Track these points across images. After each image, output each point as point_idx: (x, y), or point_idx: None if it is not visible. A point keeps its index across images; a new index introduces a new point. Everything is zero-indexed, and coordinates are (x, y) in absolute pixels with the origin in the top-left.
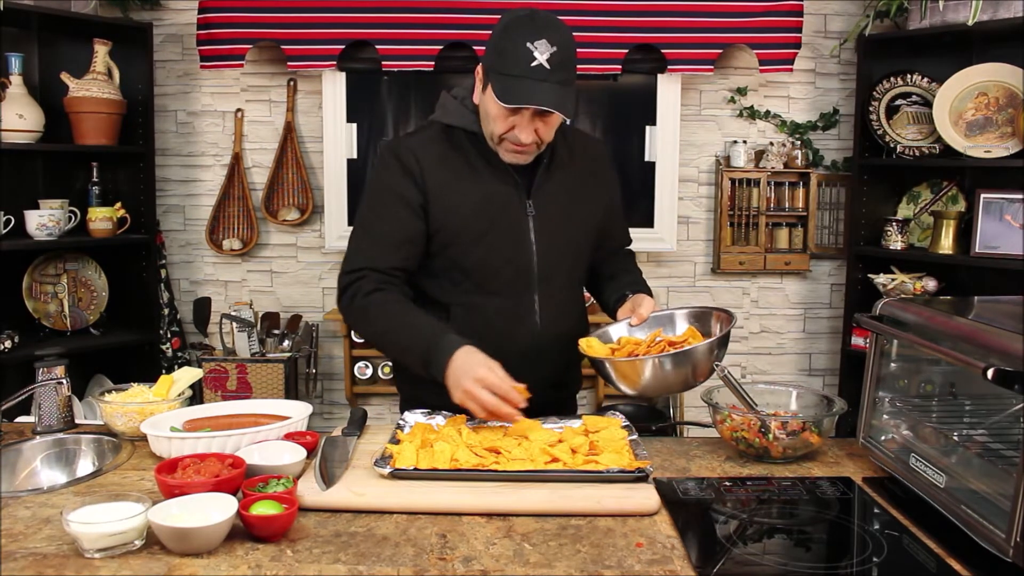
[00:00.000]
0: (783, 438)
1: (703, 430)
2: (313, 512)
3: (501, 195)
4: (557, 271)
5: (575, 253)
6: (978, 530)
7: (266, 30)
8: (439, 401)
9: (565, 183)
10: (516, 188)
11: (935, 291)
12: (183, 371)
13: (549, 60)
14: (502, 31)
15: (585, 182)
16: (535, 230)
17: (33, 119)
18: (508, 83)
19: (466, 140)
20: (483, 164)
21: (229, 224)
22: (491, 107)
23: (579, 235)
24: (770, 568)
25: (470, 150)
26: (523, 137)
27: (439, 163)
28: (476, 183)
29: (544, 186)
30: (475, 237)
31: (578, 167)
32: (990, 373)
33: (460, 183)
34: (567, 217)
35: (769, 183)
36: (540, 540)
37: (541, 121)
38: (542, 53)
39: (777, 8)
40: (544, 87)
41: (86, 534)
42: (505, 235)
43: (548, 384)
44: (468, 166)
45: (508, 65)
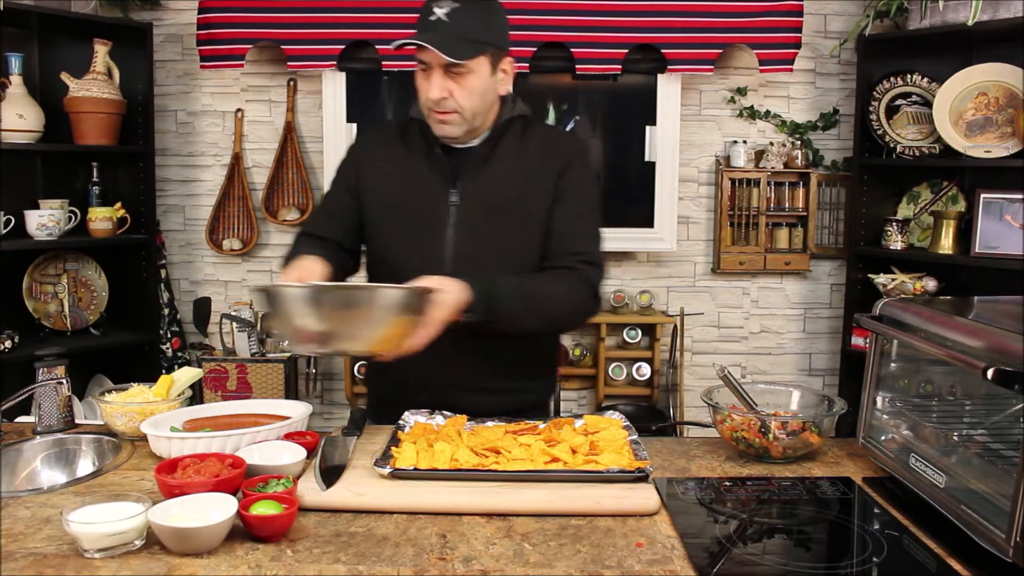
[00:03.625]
0: (783, 438)
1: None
2: (313, 512)
3: (424, 181)
4: (476, 266)
5: (504, 249)
6: (978, 530)
7: (266, 30)
8: (390, 396)
9: (503, 175)
10: (442, 175)
11: (935, 291)
12: (183, 371)
13: (448, 15)
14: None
15: (530, 176)
16: (455, 219)
17: (33, 119)
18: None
19: (417, 130)
20: (421, 152)
21: (229, 224)
22: (416, 77)
23: (511, 230)
24: (770, 568)
25: (415, 140)
26: (431, 92)
27: (379, 151)
28: (403, 168)
29: (474, 176)
30: (389, 217)
31: (527, 159)
32: (990, 373)
33: (390, 170)
34: (496, 210)
35: (769, 183)
36: (540, 540)
37: (453, 81)
38: (441, 8)
39: (777, 8)
40: (434, 34)
41: (86, 534)
42: (419, 222)
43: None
44: (406, 154)
45: (418, 23)
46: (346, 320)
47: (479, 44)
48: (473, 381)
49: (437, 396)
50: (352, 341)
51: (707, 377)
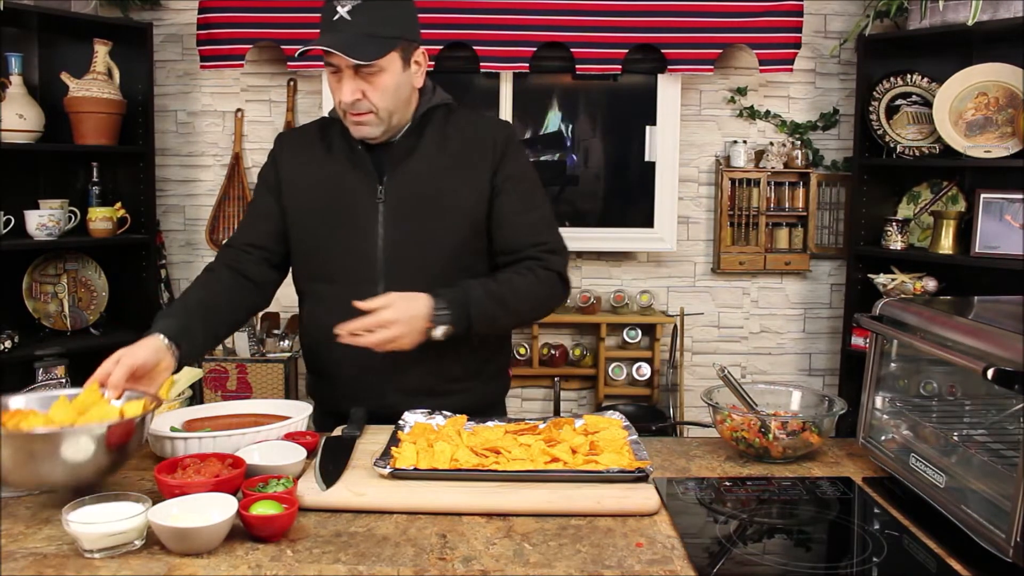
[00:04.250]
0: (783, 438)
1: (703, 430)
2: (313, 512)
3: (349, 180)
4: (408, 262)
5: (435, 246)
6: (978, 530)
7: (266, 30)
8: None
9: (429, 167)
10: (367, 173)
11: (935, 291)
12: (183, 371)
13: (350, 12)
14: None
15: (458, 167)
16: (384, 216)
17: (33, 119)
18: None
19: (337, 130)
20: (344, 150)
21: (229, 224)
22: (327, 80)
23: (440, 226)
24: (770, 568)
25: (336, 138)
26: (343, 95)
27: (299, 149)
28: (325, 167)
29: (400, 171)
30: (316, 221)
31: (454, 150)
32: (990, 373)
33: (310, 167)
34: (423, 205)
35: (769, 183)
36: (540, 540)
37: (365, 81)
38: (343, 7)
39: (777, 8)
40: (338, 36)
41: (86, 534)
42: (348, 221)
43: (412, 390)
44: (326, 152)
45: (321, 24)
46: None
47: (387, 40)
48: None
49: (386, 403)
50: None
51: (707, 377)
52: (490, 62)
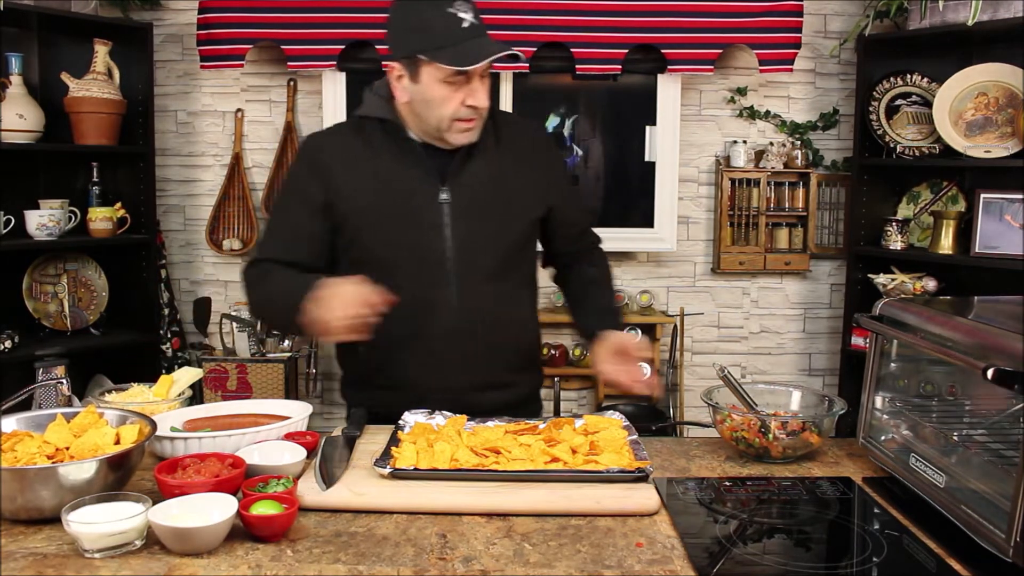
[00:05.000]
0: (783, 438)
1: (703, 430)
2: (313, 512)
3: (409, 181)
4: (478, 261)
5: (501, 243)
6: (978, 530)
7: (266, 30)
8: (383, 406)
9: (489, 169)
10: (428, 175)
11: (935, 291)
12: (183, 371)
13: (474, 17)
14: (411, 11)
15: (516, 167)
16: (451, 217)
17: (33, 119)
18: (454, 51)
19: (379, 130)
20: (394, 152)
21: (229, 224)
22: (435, 91)
23: (505, 225)
24: (770, 568)
25: (381, 140)
26: (481, 101)
27: (345, 154)
28: (381, 172)
29: (462, 172)
30: (381, 223)
31: (506, 152)
32: (990, 373)
33: (365, 173)
34: (490, 204)
35: (769, 183)
36: (540, 540)
37: (485, 85)
38: (465, 13)
39: (777, 8)
40: (486, 42)
41: (86, 534)
42: (412, 223)
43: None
44: (376, 155)
45: (441, 37)
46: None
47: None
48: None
49: (438, 400)
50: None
51: (707, 377)
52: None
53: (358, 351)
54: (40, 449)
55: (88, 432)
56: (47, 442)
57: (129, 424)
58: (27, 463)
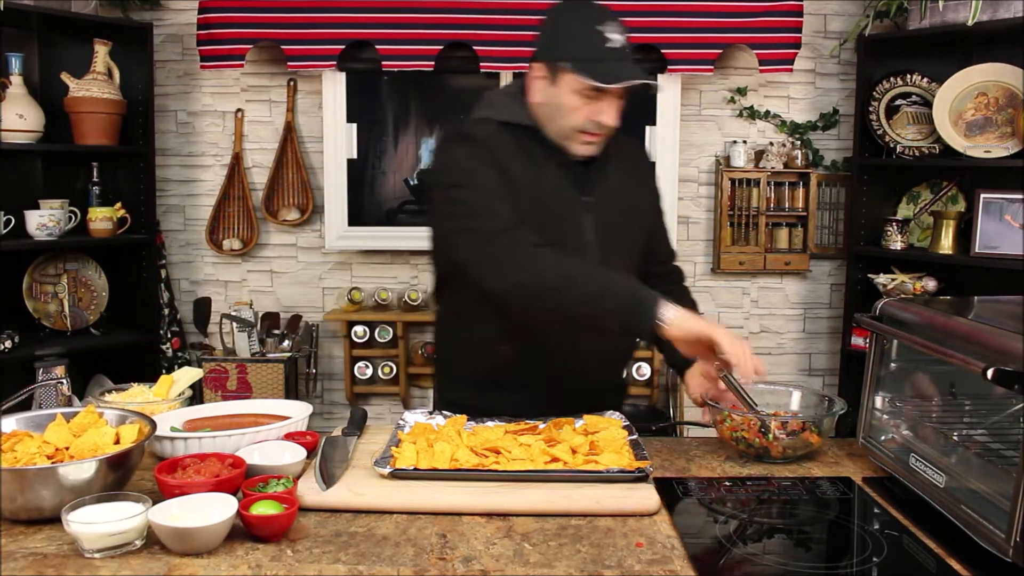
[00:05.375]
0: (783, 438)
1: (703, 430)
2: (313, 512)
3: (560, 189)
4: (616, 268)
5: (631, 252)
6: (978, 530)
7: (266, 30)
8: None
9: (619, 181)
10: (574, 184)
11: (935, 291)
12: (183, 371)
13: (624, 40)
14: (564, 21)
15: (636, 182)
16: (592, 226)
17: (33, 119)
18: (595, 66)
19: (523, 134)
20: (543, 157)
21: (229, 224)
22: (567, 98)
23: (634, 234)
24: (770, 568)
25: (529, 143)
26: (608, 120)
27: (505, 151)
28: (537, 175)
29: (601, 183)
30: (534, 227)
31: (627, 167)
32: (990, 373)
33: (523, 173)
34: (623, 215)
35: (769, 183)
36: (540, 540)
37: (617, 106)
38: (614, 34)
39: (777, 8)
40: (629, 66)
41: (86, 534)
42: (562, 230)
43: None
44: (529, 158)
45: (586, 50)
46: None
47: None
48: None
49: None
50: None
51: None
52: (490, 62)
53: (497, 352)
54: (40, 449)
55: (88, 432)
56: (47, 442)
57: (129, 424)
58: (27, 463)
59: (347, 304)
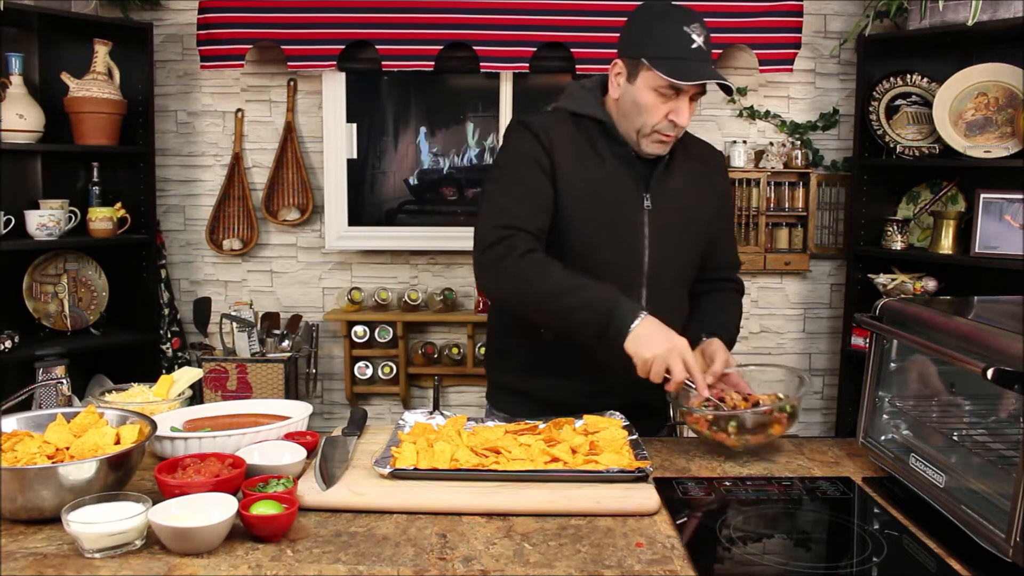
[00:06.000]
0: (733, 433)
1: None
2: (313, 512)
3: (621, 184)
4: (668, 269)
5: (687, 253)
6: (978, 530)
7: (266, 30)
8: (552, 393)
9: (682, 182)
10: (636, 181)
11: (935, 291)
12: (183, 371)
13: (704, 43)
14: (650, 19)
15: (700, 185)
16: (650, 225)
17: (33, 119)
18: (675, 64)
19: (594, 128)
20: (608, 152)
21: (229, 224)
22: (645, 96)
23: (692, 236)
24: (770, 568)
25: (596, 136)
26: (682, 120)
27: (565, 141)
28: (598, 168)
29: (663, 182)
30: (588, 222)
31: (694, 169)
32: (990, 373)
33: (582, 164)
34: (682, 215)
35: (769, 183)
36: (540, 540)
37: (691, 107)
38: (698, 36)
39: (777, 8)
40: (708, 67)
41: (86, 534)
42: (618, 225)
43: (647, 386)
44: (592, 151)
45: (669, 49)
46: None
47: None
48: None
49: (605, 392)
50: None
51: None
52: (490, 62)
53: (539, 336)
54: (40, 449)
55: (88, 432)
56: (47, 442)
57: (129, 424)
58: (27, 463)
59: (347, 304)
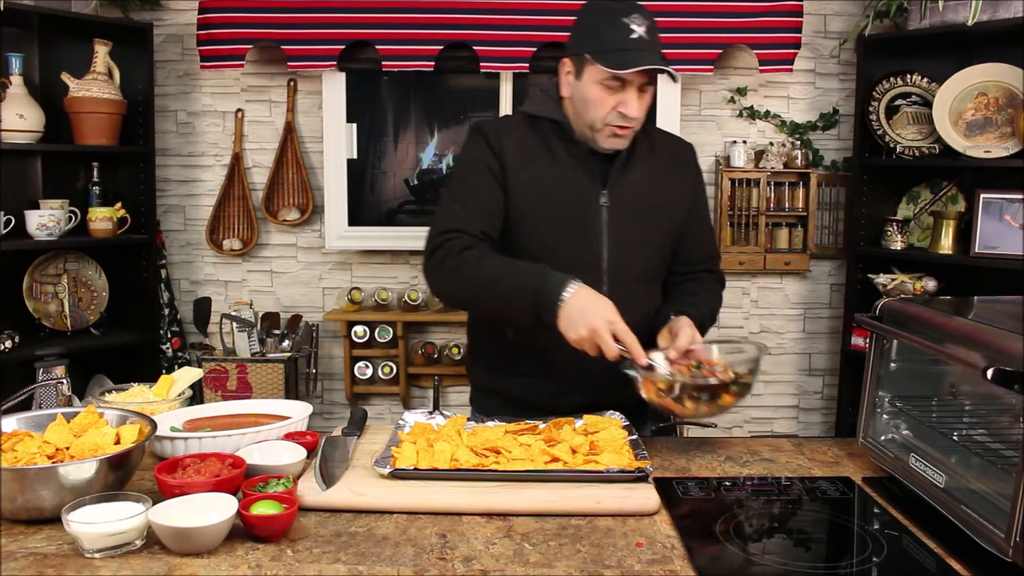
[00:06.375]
0: (688, 399)
1: (703, 430)
2: (313, 512)
3: (575, 182)
4: (630, 264)
5: (651, 247)
6: (978, 530)
7: (266, 30)
8: (524, 392)
9: (644, 177)
10: (592, 178)
11: (935, 291)
12: (183, 371)
13: (647, 32)
14: (591, 15)
15: (665, 178)
16: (609, 220)
17: (33, 119)
18: (614, 56)
19: (549, 128)
20: (563, 152)
21: (229, 224)
22: (591, 90)
23: (655, 231)
24: (770, 568)
25: (552, 138)
26: (632, 111)
27: (518, 143)
28: (551, 168)
29: (622, 178)
30: (543, 221)
31: (659, 163)
32: (990, 373)
33: (535, 165)
34: (643, 211)
35: (769, 183)
36: (540, 540)
37: (640, 98)
38: (639, 26)
39: (777, 8)
40: (648, 55)
41: (86, 534)
42: (574, 222)
43: (611, 383)
44: (547, 151)
45: (608, 42)
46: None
47: (664, 60)
48: (611, 377)
49: (573, 391)
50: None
51: None
52: (490, 62)
53: (506, 337)
54: (40, 449)
55: (88, 432)
56: (47, 442)
57: (129, 424)
58: (27, 463)
59: (347, 304)
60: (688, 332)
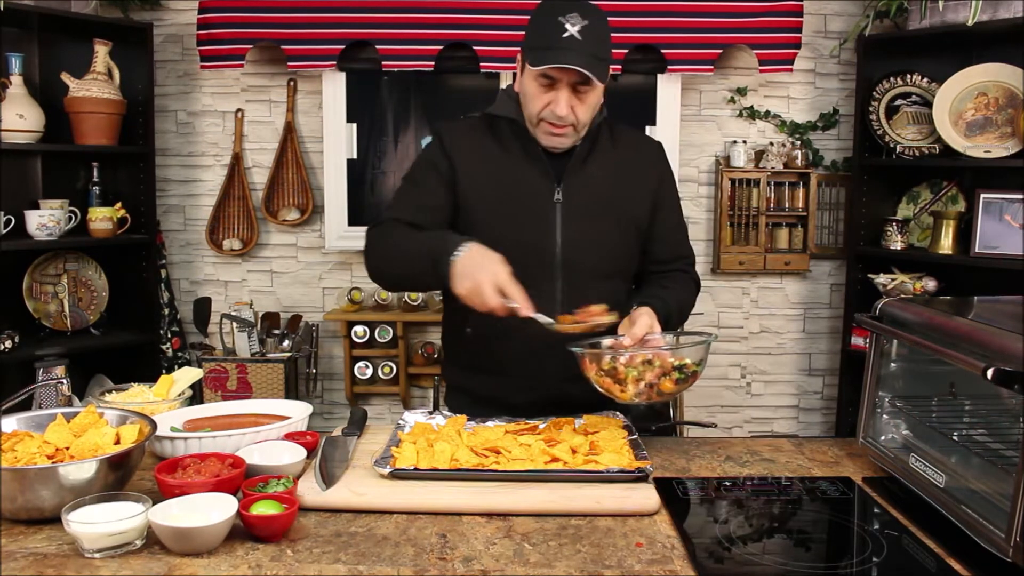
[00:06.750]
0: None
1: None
2: (313, 512)
3: (528, 180)
4: (584, 260)
5: (607, 243)
6: (978, 530)
7: (266, 30)
8: (485, 390)
9: (601, 173)
10: (546, 175)
11: (935, 291)
12: (183, 371)
13: (580, 32)
14: (537, 11)
15: (626, 175)
16: (562, 216)
17: (33, 119)
18: (540, 53)
19: (507, 128)
20: (518, 150)
21: (229, 224)
22: (528, 86)
23: (612, 228)
24: (770, 568)
25: (508, 137)
26: (559, 110)
27: (473, 144)
28: (504, 166)
29: (576, 175)
30: (496, 217)
31: (620, 160)
32: (990, 373)
33: (488, 165)
34: (599, 206)
35: (769, 183)
36: (540, 540)
37: (577, 99)
38: (573, 25)
39: (777, 8)
40: (573, 54)
41: (86, 534)
42: (526, 218)
43: (567, 378)
44: (501, 150)
45: (541, 39)
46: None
47: (606, 61)
48: (569, 372)
49: (556, 391)
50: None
51: (708, 377)
52: (490, 62)
53: (465, 335)
54: (40, 449)
55: (88, 432)
56: (47, 442)
57: (129, 424)
58: (27, 463)
59: (347, 304)
60: (646, 321)
